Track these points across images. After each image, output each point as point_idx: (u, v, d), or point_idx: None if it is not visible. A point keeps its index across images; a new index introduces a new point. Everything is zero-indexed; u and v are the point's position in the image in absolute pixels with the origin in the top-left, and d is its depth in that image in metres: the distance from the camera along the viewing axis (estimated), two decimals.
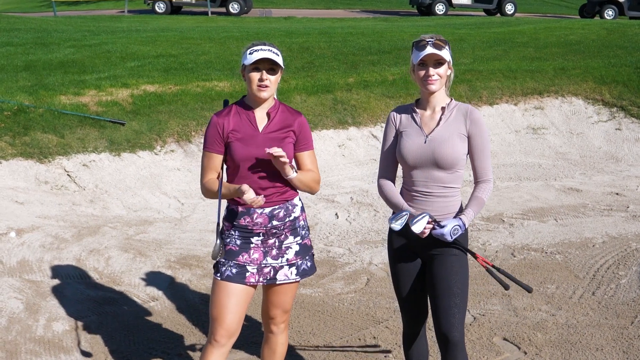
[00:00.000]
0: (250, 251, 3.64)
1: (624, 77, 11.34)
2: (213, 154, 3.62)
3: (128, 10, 28.73)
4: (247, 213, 3.61)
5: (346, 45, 14.27)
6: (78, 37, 15.23)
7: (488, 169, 3.60)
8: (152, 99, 9.75)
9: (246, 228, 3.62)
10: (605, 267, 6.09)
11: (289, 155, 3.60)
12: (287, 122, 3.64)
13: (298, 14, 28.05)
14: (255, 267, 3.64)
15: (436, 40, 3.50)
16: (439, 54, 3.48)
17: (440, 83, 3.55)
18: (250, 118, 3.60)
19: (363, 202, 7.96)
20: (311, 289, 5.81)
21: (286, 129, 3.62)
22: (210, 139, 3.61)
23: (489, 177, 3.60)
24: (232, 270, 3.62)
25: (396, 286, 3.78)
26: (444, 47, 3.51)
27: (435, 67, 3.52)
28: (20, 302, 5.30)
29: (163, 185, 8.26)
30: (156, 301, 5.58)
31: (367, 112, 10.22)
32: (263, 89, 3.54)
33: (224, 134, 3.58)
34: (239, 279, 3.62)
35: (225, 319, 3.59)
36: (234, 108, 3.65)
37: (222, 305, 3.60)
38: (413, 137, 3.58)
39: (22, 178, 7.83)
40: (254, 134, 3.58)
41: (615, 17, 25.89)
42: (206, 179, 3.65)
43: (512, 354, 4.76)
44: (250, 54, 3.52)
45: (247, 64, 3.52)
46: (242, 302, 3.64)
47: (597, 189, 8.46)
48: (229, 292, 3.61)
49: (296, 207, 3.71)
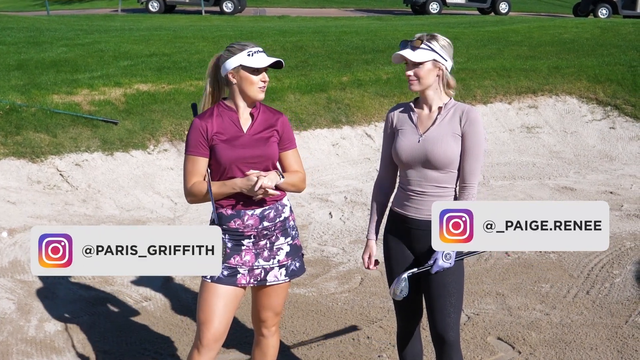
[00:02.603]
0: (242, 253, 3.60)
1: (617, 76, 11.35)
2: (198, 157, 3.54)
3: (121, 9, 28.62)
4: (238, 215, 3.56)
5: (340, 44, 14.24)
6: (71, 36, 15.16)
7: (475, 173, 3.50)
8: (145, 98, 9.71)
9: (237, 231, 3.57)
10: (600, 266, 6.08)
11: (274, 155, 3.59)
12: (269, 121, 3.61)
13: (292, 12, 28.01)
14: (247, 269, 3.60)
15: (415, 40, 3.46)
16: (404, 55, 3.45)
17: (422, 84, 3.49)
18: (233, 119, 3.56)
19: (357, 201, 7.94)
20: (305, 289, 5.79)
21: (270, 129, 3.60)
22: (194, 142, 3.53)
23: (472, 182, 3.50)
24: (223, 272, 3.56)
25: (390, 283, 3.76)
26: (419, 47, 3.44)
27: (412, 68, 3.47)
28: (12, 303, 5.27)
29: (156, 184, 8.22)
30: (149, 301, 5.55)
31: (361, 111, 10.19)
32: (262, 90, 3.53)
33: (209, 137, 3.52)
34: (230, 281, 3.58)
35: (214, 322, 3.54)
36: (215, 110, 3.58)
37: (211, 309, 3.54)
38: (408, 136, 3.55)
39: (14, 178, 7.79)
40: (239, 135, 3.54)
41: (609, 15, 25.93)
42: (191, 183, 3.57)
43: (506, 353, 4.75)
44: (250, 56, 3.47)
45: (252, 66, 3.47)
46: (231, 305, 3.60)
47: (591, 188, 8.46)
48: (219, 295, 3.56)
49: (285, 207, 3.68)
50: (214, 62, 3.61)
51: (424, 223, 3.50)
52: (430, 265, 3.45)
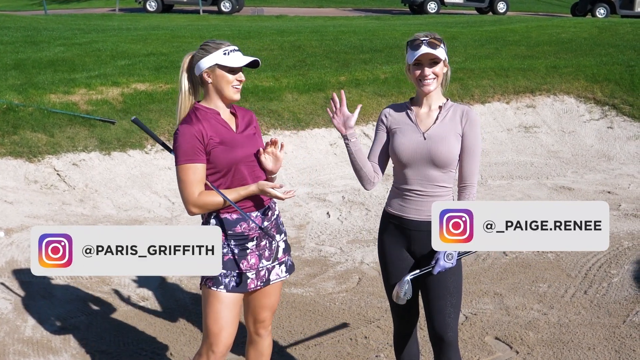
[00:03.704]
0: (248, 257, 3.52)
1: (615, 76, 11.35)
2: (198, 164, 3.38)
3: (119, 8, 28.60)
4: (243, 219, 3.47)
5: (338, 43, 14.24)
6: (68, 35, 15.14)
7: (474, 173, 3.52)
8: (142, 98, 9.70)
9: (242, 234, 3.49)
10: (597, 265, 6.08)
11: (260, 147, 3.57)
12: (247, 118, 3.59)
13: (290, 12, 27.99)
14: (254, 272, 3.54)
15: (431, 39, 3.44)
16: (434, 53, 3.43)
17: (437, 82, 3.50)
18: (220, 121, 3.46)
19: (355, 201, 7.94)
20: (302, 289, 5.78)
21: (251, 125, 3.58)
22: (191, 150, 3.35)
23: (473, 182, 3.51)
24: (236, 280, 3.48)
25: (387, 286, 3.75)
26: (439, 46, 3.45)
27: (430, 67, 3.46)
28: (9, 303, 5.26)
29: (154, 184, 8.21)
30: (146, 301, 5.54)
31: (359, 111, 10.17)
32: (238, 90, 3.45)
33: (205, 142, 3.37)
34: (243, 288, 3.50)
35: (227, 332, 3.47)
36: (196, 114, 3.43)
37: (225, 320, 3.45)
38: (408, 135, 3.53)
39: (12, 177, 7.78)
40: (232, 135, 3.46)
41: (606, 15, 25.93)
42: (196, 193, 3.41)
43: (503, 353, 4.74)
44: (226, 55, 3.37)
45: (229, 65, 3.37)
46: (239, 310, 3.56)
47: (589, 188, 8.46)
48: (231, 305, 3.47)
49: (275, 204, 3.66)
50: (188, 60, 3.47)
51: (424, 224, 3.49)
52: (432, 266, 3.43)
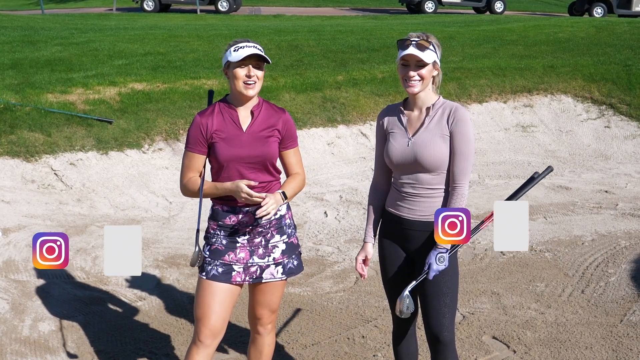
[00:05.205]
0: (237, 250, 3.60)
1: (612, 75, 11.37)
2: (195, 154, 3.56)
3: (116, 8, 28.57)
4: (233, 212, 3.56)
5: (335, 43, 14.24)
6: (65, 35, 15.12)
7: (464, 173, 3.44)
8: (140, 97, 9.69)
9: (232, 227, 3.58)
10: (595, 265, 6.09)
11: (273, 155, 3.56)
12: (271, 120, 3.58)
13: (287, 11, 28.00)
14: (242, 266, 3.60)
15: (420, 41, 3.37)
16: (419, 56, 3.35)
17: (422, 85, 3.42)
18: (233, 117, 3.54)
19: (352, 200, 7.94)
20: (300, 288, 5.78)
21: (271, 128, 3.57)
22: (193, 139, 3.55)
23: (463, 182, 3.44)
24: (218, 269, 3.57)
25: (385, 285, 3.75)
26: (428, 48, 3.37)
27: (416, 69, 3.39)
28: (6, 302, 5.25)
29: (151, 183, 8.20)
30: (143, 301, 5.53)
31: (357, 110, 10.19)
32: (250, 86, 3.47)
33: (207, 135, 3.52)
34: (225, 278, 3.58)
35: (210, 319, 3.55)
36: (217, 107, 3.58)
37: (207, 305, 3.56)
38: (397, 139, 3.51)
39: (9, 177, 7.77)
40: (238, 133, 3.52)
41: (604, 15, 25.96)
42: (186, 178, 3.60)
43: (501, 352, 4.74)
44: (235, 51, 3.44)
45: (233, 60, 3.44)
46: (227, 302, 3.60)
47: (586, 187, 8.47)
48: (214, 292, 3.57)
49: (282, 206, 3.66)
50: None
51: (417, 224, 3.51)
52: (427, 272, 3.43)
